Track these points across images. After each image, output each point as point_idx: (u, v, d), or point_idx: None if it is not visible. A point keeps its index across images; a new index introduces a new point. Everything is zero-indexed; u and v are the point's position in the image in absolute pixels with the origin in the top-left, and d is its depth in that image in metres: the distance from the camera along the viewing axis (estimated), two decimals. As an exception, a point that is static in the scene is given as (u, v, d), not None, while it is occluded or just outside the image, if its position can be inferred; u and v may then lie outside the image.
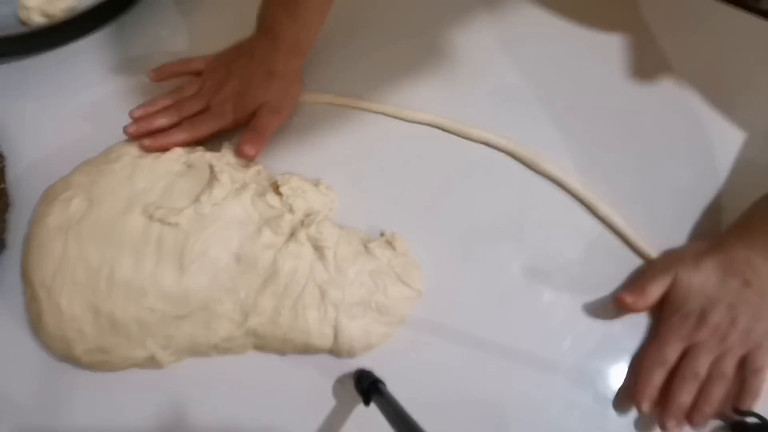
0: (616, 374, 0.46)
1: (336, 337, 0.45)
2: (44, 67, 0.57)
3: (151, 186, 0.47)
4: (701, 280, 0.45)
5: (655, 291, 0.46)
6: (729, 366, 0.43)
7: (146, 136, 0.50)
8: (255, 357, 0.46)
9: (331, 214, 0.50)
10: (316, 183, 0.51)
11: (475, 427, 0.45)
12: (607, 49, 0.59)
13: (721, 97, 0.56)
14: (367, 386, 0.41)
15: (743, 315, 0.43)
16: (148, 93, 0.56)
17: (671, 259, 0.48)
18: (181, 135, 0.50)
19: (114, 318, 0.44)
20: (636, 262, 0.50)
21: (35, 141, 0.54)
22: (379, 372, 0.44)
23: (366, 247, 0.48)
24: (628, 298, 0.46)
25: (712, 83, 0.57)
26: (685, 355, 0.44)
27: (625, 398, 0.45)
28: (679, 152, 0.54)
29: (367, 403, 0.41)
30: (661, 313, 0.47)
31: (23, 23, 0.57)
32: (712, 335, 0.43)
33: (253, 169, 0.51)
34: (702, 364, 0.43)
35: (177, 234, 0.45)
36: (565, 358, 0.46)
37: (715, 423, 0.45)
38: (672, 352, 0.44)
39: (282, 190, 0.49)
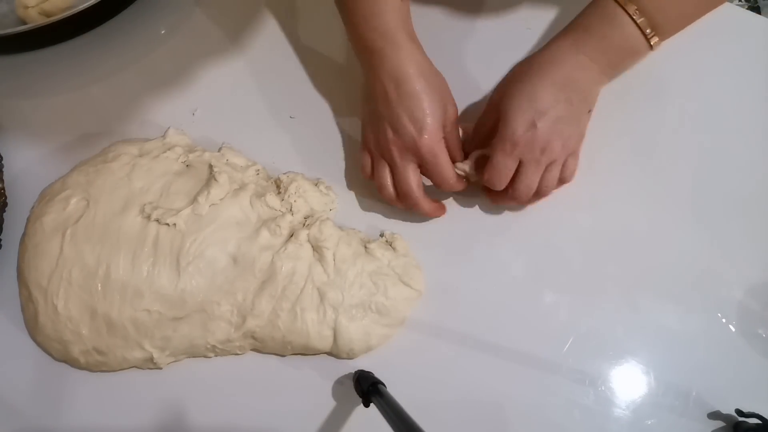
0: (617, 375, 0.46)
1: (335, 338, 0.45)
2: (42, 66, 0.57)
3: (148, 186, 0.47)
4: (531, 95, 0.44)
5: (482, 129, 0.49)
6: (555, 177, 0.47)
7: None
8: (254, 358, 0.46)
9: (330, 214, 0.50)
10: (316, 182, 0.51)
11: (475, 428, 0.45)
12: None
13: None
14: (367, 387, 0.41)
15: (566, 126, 0.45)
16: (145, 92, 0.55)
17: (500, 90, 0.47)
18: None
19: (110, 319, 0.43)
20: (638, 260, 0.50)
21: (32, 140, 0.53)
22: (379, 373, 0.44)
23: (366, 247, 0.48)
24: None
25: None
26: (518, 171, 0.46)
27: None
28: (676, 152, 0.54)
29: (366, 404, 0.41)
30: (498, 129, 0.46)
31: (22, 21, 0.57)
32: (539, 148, 0.44)
33: (252, 169, 0.50)
34: (533, 181, 0.46)
35: (174, 235, 0.45)
36: (565, 359, 0.46)
37: (716, 423, 0.45)
38: (508, 170, 0.46)
39: (283, 189, 0.49)
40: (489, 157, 0.46)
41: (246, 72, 0.57)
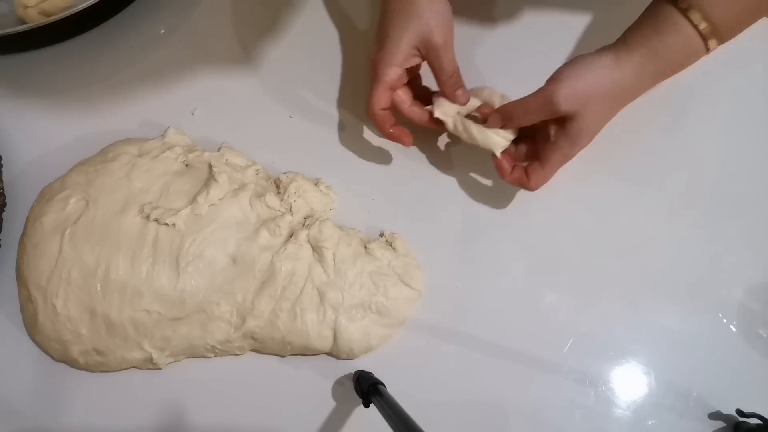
0: (618, 376, 0.46)
1: (335, 339, 0.45)
2: (41, 65, 0.57)
3: (148, 186, 0.47)
4: (605, 121, 0.45)
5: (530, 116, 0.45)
6: None
7: None
8: (254, 358, 0.46)
9: (330, 214, 0.50)
10: (316, 182, 0.51)
11: (475, 429, 0.45)
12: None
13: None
14: (367, 388, 0.41)
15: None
16: (144, 91, 0.55)
17: (572, 100, 0.44)
18: None
19: (110, 320, 0.43)
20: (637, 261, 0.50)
21: (32, 140, 0.53)
22: (379, 373, 0.44)
23: (366, 247, 0.48)
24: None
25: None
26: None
27: None
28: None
29: (366, 404, 0.41)
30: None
31: (21, 21, 0.56)
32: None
33: (252, 169, 0.50)
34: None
35: (173, 235, 0.44)
36: (566, 359, 0.46)
37: (717, 424, 0.45)
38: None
39: (282, 189, 0.48)
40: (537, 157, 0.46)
41: (245, 71, 0.56)
